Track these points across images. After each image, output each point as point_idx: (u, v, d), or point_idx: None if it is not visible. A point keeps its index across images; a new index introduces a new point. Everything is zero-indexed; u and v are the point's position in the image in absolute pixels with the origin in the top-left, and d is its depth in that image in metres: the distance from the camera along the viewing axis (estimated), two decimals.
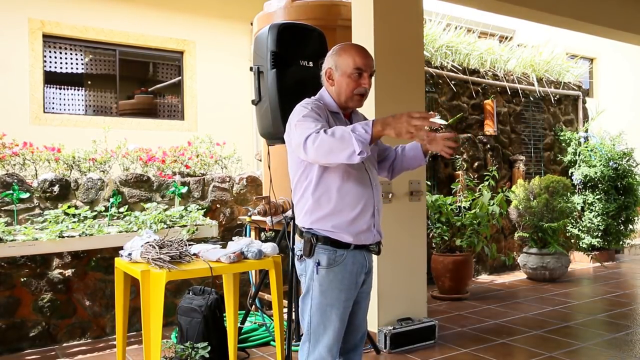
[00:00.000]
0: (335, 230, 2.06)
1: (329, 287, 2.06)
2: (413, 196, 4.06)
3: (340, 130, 1.84)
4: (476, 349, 3.81)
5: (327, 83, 2.17)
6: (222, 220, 4.78)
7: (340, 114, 2.16)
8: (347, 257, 2.08)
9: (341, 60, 2.11)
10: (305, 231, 2.11)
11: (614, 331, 4.19)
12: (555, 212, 6.12)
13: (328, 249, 2.06)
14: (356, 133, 1.80)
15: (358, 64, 2.09)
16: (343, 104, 2.15)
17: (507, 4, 4.98)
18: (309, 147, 1.86)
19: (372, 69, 2.13)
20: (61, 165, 4.48)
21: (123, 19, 6.65)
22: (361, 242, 2.10)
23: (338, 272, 2.07)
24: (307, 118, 1.98)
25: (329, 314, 2.06)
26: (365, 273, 2.17)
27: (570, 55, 9.97)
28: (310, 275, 2.09)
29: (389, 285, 3.93)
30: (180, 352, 3.21)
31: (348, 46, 2.18)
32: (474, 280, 6.29)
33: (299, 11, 4.25)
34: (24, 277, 3.95)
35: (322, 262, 2.06)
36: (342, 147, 1.81)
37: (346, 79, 2.10)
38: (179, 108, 7.19)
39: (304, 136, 1.89)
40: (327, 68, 2.16)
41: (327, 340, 2.07)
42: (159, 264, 2.65)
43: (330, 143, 1.82)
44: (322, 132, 1.86)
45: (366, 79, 2.11)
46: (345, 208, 2.06)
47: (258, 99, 3.36)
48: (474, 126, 6.66)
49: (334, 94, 2.15)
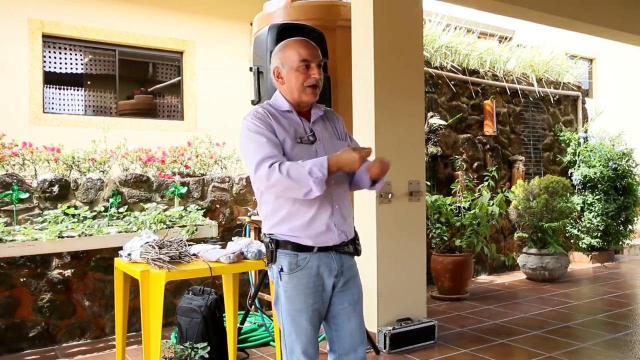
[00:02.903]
0: (294, 234, 2.01)
1: (294, 293, 2.01)
2: (412, 196, 4.06)
3: (295, 171, 1.88)
4: (476, 349, 3.81)
5: (277, 82, 2.12)
6: (221, 221, 4.78)
7: (294, 112, 2.09)
8: (311, 261, 2.01)
9: (285, 56, 2.07)
10: (266, 236, 2.07)
11: (614, 331, 4.19)
12: (555, 213, 6.13)
13: (289, 254, 2.01)
14: (313, 177, 1.87)
15: (303, 56, 2.04)
16: (297, 99, 2.08)
17: (506, 5, 4.98)
18: (263, 182, 1.93)
19: (319, 59, 2.07)
20: (61, 165, 4.47)
21: (122, 19, 6.65)
22: (323, 244, 2.02)
23: (302, 277, 2.01)
24: (253, 141, 1.97)
25: (299, 320, 2.02)
26: (336, 276, 2.06)
27: (570, 55, 9.98)
28: (276, 282, 2.06)
29: (388, 286, 3.93)
30: (179, 353, 3.21)
31: (291, 41, 2.12)
32: (474, 280, 6.29)
33: (299, 11, 4.26)
34: (24, 277, 3.94)
35: (284, 268, 2.02)
36: (298, 187, 1.89)
37: (294, 73, 2.05)
38: (178, 108, 7.19)
39: (254, 168, 1.94)
40: (274, 67, 2.11)
41: (301, 346, 2.03)
42: (159, 264, 2.65)
43: (286, 184, 1.90)
44: (277, 171, 1.89)
45: (315, 70, 2.04)
46: (299, 210, 2.00)
47: (258, 99, 3.37)
48: (473, 126, 6.67)
49: (286, 92, 2.09)
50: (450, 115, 6.37)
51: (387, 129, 3.92)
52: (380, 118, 3.90)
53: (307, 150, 2.04)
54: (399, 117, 4.01)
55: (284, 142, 2.01)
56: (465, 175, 6.26)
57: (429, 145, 5.96)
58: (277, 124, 2.03)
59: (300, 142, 2.04)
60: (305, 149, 2.04)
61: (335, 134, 2.19)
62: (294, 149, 2.01)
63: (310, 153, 2.03)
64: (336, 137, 2.18)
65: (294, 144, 2.02)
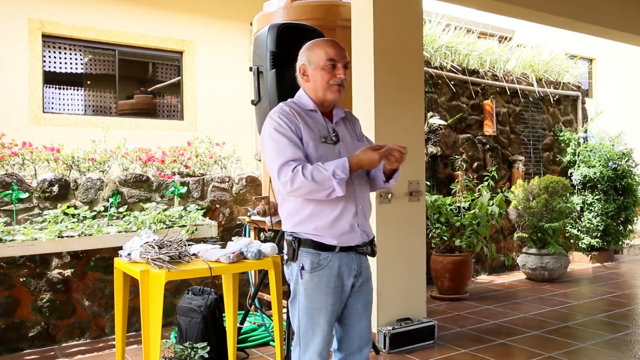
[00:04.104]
0: (318, 233, 2.03)
1: (315, 291, 2.03)
2: (412, 196, 4.06)
3: (318, 174, 1.92)
4: (475, 349, 3.81)
5: (303, 80, 2.15)
6: (221, 221, 4.77)
7: (318, 111, 2.12)
8: (333, 260, 2.04)
9: (313, 54, 2.10)
10: (288, 234, 2.09)
11: (613, 331, 4.19)
12: (555, 213, 6.13)
13: (311, 252, 2.03)
14: (337, 178, 1.91)
15: (330, 55, 2.07)
16: (321, 98, 2.11)
17: (506, 5, 4.98)
18: (287, 187, 1.95)
19: (345, 60, 2.11)
20: (60, 165, 4.47)
21: (122, 19, 6.64)
22: (346, 244, 2.05)
23: (323, 276, 2.03)
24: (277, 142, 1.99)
25: (317, 319, 2.04)
26: (355, 276, 2.09)
27: (570, 55, 9.98)
28: (295, 280, 2.07)
29: (388, 286, 3.93)
30: (179, 352, 3.21)
31: (319, 40, 2.17)
32: (473, 280, 6.29)
33: (299, 11, 4.26)
34: (23, 277, 3.94)
35: (305, 267, 2.03)
36: (322, 189, 1.93)
37: (320, 72, 2.08)
38: (178, 108, 7.18)
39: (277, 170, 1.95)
40: (301, 65, 2.14)
41: (316, 345, 2.04)
42: (158, 264, 2.65)
43: (309, 187, 1.93)
44: (300, 175, 1.91)
45: (341, 70, 2.08)
46: (325, 209, 2.03)
47: (257, 99, 3.36)
48: (473, 126, 6.67)
49: (311, 90, 2.12)
50: (450, 115, 6.37)
51: (386, 128, 3.92)
52: (380, 118, 3.90)
53: (331, 150, 2.07)
54: (399, 117, 4.01)
55: (309, 142, 2.03)
56: (465, 175, 6.26)
57: (429, 145, 5.96)
58: (303, 123, 2.06)
59: (325, 142, 2.07)
60: (329, 149, 2.07)
61: (355, 135, 2.24)
62: (319, 149, 2.04)
63: (334, 153, 2.06)
64: (356, 139, 2.23)
65: (319, 143, 2.05)
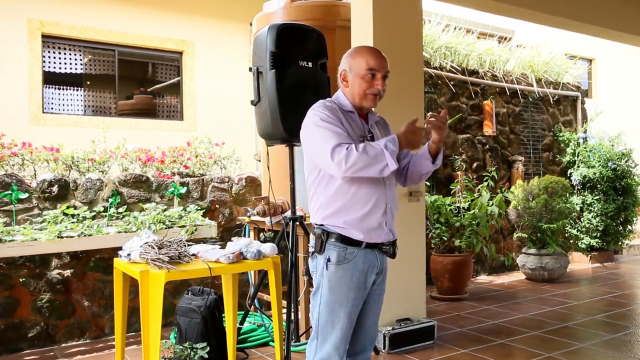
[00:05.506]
0: (347, 227, 2.07)
1: (338, 284, 2.07)
2: (412, 196, 4.06)
3: (371, 148, 1.97)
4: (475, 349, 3.81)
5: (342, 85, 2.21)
6: (221, 221, 4.77)
7: (355, 113, 2.18)
8: (358, 255, 2.09)
9: (355, 62, 2.15)
10: (317, 227, 2.13)
11: (613, 332, 4.19)
12: (554, 213, 6.13)
13: (338, 246, 2.08)
14: (389, 150, 1.96)
15: (371, 65, 2.12)
16: (358, 104, 2.17)
17: (506, 5, 4.98)
18: (342, 166, 1.95)
19: (385, 70, 2.16)
20: (60, 165, 4.47)
21: (122, 19, 6.64)
22: (372, 240, 2.10)
23: (348, 270, 2.08)
24: (326, 129, 2.02)
25: (338, 312, 2.07)
26: (377, 274, 2.16)
27: (569, 56, 9.98)
28: (320, 272, 2.11)
29: (388, 286, 3.89)
30: (179, 353, 3.21)
31: (362, 48, 2.21)
32: (473, 280, 6.29)
33: (299, 12, 4.26)
34: (23, 278, 3.94)
35: (332, 259, 2.07)
36: (375, 163, 1.96)
37: (359, 80, 2.13)
38: (178, 108, 7.18)
39: (329, 153, 1.96)
40: (342, 70, 2.20)
41: (335, 339, 2.08)
42: (158, 264, 2.65)
43: (364, 161, 1.95)
44: (354, 150, 1.94)
45: (379, 80, 2.14)
46: (356, 204, 2.07)
47: (257, 100, 3.37)
48: (473, 127, 6.67)
49: (349, 95, 2.18)
50: (449, 116, 6.37)
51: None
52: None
53: None
54: (399, 117, 3.97)
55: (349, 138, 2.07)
56: (465, 175, 6.26)
57: None
58: (345, 120, 2.11)
59: (362, 141, 2.10)
60: None
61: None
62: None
63: None
64: None
65: (357, 141, 2.08)
